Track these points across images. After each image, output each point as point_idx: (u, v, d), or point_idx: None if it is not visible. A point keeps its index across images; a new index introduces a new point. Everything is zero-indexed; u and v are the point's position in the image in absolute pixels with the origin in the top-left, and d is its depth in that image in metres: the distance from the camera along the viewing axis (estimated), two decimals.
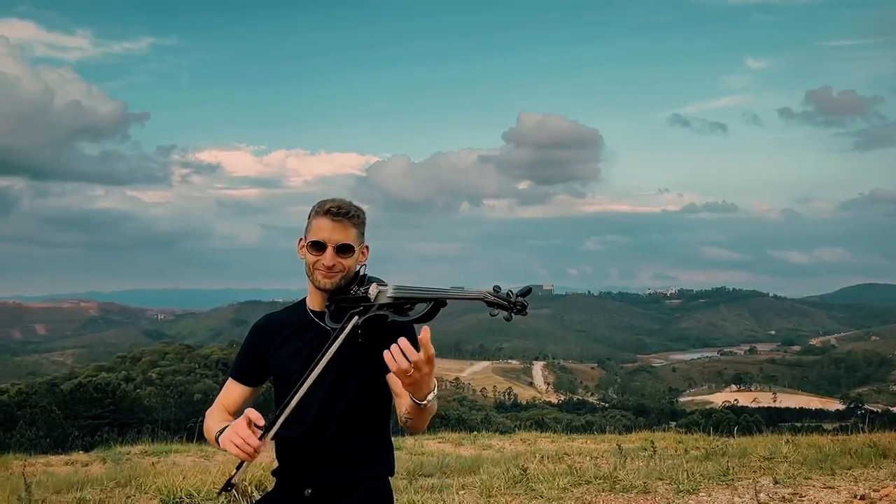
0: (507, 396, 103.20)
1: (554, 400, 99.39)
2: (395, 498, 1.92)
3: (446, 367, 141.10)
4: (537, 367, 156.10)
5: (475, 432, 12.38)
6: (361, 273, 1.91)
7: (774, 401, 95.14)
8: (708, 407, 69.08)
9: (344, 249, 1.85)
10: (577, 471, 4.98)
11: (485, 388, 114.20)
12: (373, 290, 1.79)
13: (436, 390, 1.62)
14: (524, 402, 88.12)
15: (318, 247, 1.85)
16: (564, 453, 7.47)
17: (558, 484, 4.60)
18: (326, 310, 1.89)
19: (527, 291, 1.56)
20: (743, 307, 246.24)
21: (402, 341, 1.51)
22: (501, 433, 12.83)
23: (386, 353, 1.51)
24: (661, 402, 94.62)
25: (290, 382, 1.82)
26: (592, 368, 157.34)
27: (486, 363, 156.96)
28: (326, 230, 1.84)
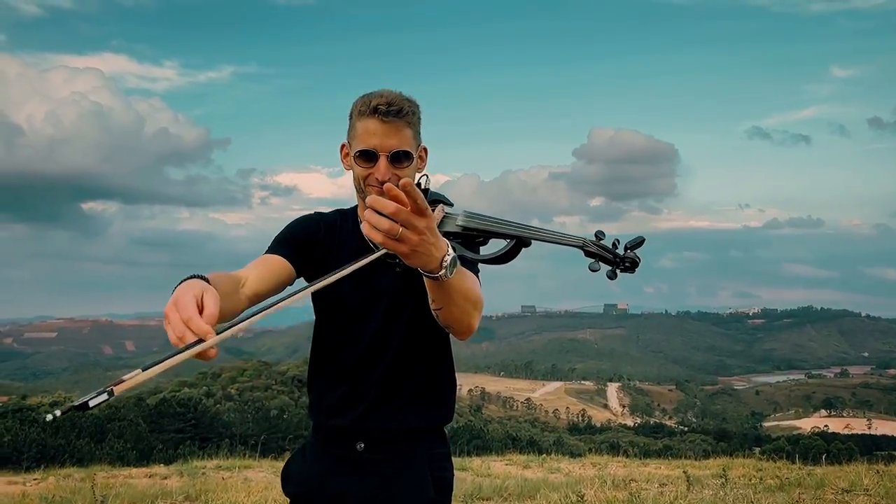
0: (580, 418, 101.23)
1: (630, 423, 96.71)
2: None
3: (518, 388, 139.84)
4: (612, 389, 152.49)
5: (544, 455, 12.23)
6: (423, 187, 1.50)
7: (869, 427, 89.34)
8: (795, 433, 65.55)
9: (400, 158, 1.47)
10: (637, 498, 4.86)
11: (557, 410, 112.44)
12: (437, 213, 1.35)
13: (451, 254, 1.15)
14: (598, 425, 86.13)
15: (368, 157, 1.47)
16: (632, 479, 7.29)
17: None
18: None
19: (639, 242, 1.21)
20: (832, 327, 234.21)
21: (371, 199, 1.07)
22: (572, 456, 12.61)
23: (363, 226, 1.09)
24: (743, 426, 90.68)
25: (344, 309, 1.58)
26: (670, 391, 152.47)
27: (558, 384, 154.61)
28: (377, 135, 1.46)
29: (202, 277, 1.16)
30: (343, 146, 1.57)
